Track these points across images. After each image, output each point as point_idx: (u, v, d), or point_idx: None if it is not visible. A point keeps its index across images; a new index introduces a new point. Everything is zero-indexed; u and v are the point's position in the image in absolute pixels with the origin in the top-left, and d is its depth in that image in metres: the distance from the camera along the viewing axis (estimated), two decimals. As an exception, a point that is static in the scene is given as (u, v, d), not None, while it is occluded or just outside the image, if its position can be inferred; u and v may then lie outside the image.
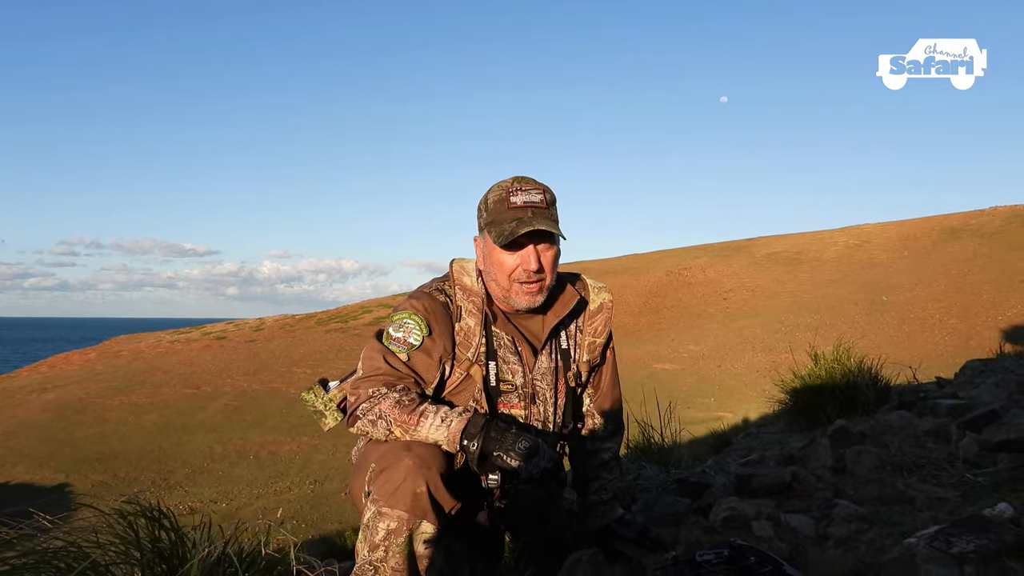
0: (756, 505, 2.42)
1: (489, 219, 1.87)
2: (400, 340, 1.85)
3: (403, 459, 1.70)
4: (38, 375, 28.45)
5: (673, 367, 20.58)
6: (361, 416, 1.80)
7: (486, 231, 1.88)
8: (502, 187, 1.88)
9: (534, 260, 1.84)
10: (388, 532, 1.66)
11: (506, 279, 1.86)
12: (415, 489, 1.67)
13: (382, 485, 1.69)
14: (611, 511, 2.17)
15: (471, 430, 1.72)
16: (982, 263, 24.82)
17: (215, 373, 24.84)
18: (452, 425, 1.73)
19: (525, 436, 1.72)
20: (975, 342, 17.05)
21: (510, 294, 1.88)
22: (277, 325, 33.80)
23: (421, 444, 1.74)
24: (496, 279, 1.88)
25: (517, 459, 1.69)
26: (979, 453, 2.53)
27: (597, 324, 2.07)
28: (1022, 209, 30.44)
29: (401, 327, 1.86)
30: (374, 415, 1.78)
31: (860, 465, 2.71)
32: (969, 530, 1.70)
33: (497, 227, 1.84)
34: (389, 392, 1.79)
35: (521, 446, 1.70)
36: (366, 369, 1.86)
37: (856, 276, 27.27)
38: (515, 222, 1.82)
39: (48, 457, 16.43)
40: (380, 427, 1.77)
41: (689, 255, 34.90)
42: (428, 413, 1.76)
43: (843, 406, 4.12)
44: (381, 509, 1.67)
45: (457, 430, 1.72)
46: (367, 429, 1.80)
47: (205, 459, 16.02)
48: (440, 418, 1.75)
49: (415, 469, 1.68)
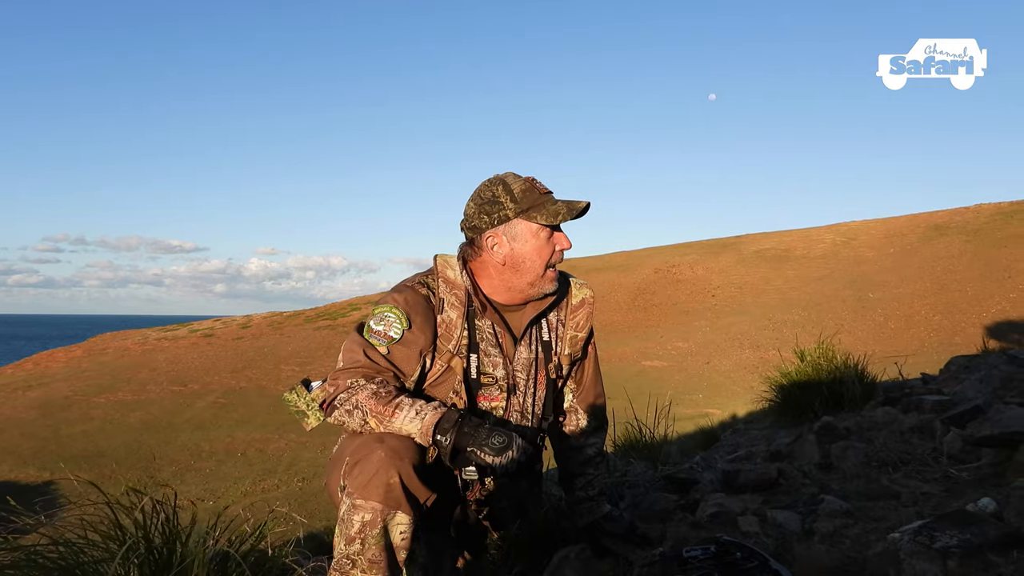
0: (743, 501, 2.43)
1: (527, 205, 1.87)
2: (380, 333, 1.85)
3: (376, 451, 1.70)
4: (23, 372, 28.20)
5: (661, 364, 20.63)
6: (339, 406, 1.80)
7: (523, 217, 1.87)
8: (519, 178, 1.91)
9: (567, 240, 1.92)
10: (363, 524, 1.66)
11: (543, 266, 1.90)
12: (388, 480, 1.67)
13: (356, 478, 1.70)
14: (598, 507, 2.17)
15: (444, 425, 1.73)
16: (967, 260, 25.03)
17: (202, 370, 24.71)
18: (426, 419, 1.74)
19: (499, 432, 1.74)
20: (960, 338, 17.21)
21: (543, 281, 1.92)
22: (265, 322, 33.65)
23: (395, 436, 1.75)
24: (532, 268, 1.90)
25: (491, 454, 1.71)
26: (963, 448, 2.55)
27: (579, 318, 2.08)
28: (1006, 206, 30.72)
29: (382, 320, 1.86)
30: (351, 405, 1.78)
31: (846, 461, 2.73)
32: (952, 524, 1.72)
33: (541, 209, 1.86)
34: (367, 383, 1.80)
35: (494, 441, 1.71)
36: (346, 361, 1.86)
37: (843, 273, 27.44)
38: (561, 203, 1.86)
39: (33, 455, 16.29)
40: (356, 417, 1.78)
41: (677, 252, 34.99)
42: (403, 405, 1.76)
43: (830, 402, 4.14)
44: (355, 502, 1.68)
45: (430, 424, 1.74)
46: (343, 419, 1.80)
47: (192, 457, 15.94)
48: (415, 411, 1.76)
49: (387, 460, 1.68)
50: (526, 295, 1.95)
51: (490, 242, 1.91)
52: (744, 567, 1.76)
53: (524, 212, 1.87)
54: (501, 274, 1.92)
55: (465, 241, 1.98)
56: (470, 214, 1.93)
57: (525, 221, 1.88)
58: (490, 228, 1.90)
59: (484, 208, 1.90)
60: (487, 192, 1.91)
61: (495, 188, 1.90)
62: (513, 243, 1.89)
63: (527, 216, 1.87)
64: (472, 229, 1.93)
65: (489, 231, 1.90)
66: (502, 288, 1.94)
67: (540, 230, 1.88)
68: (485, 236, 1.91)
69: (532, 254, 1.88)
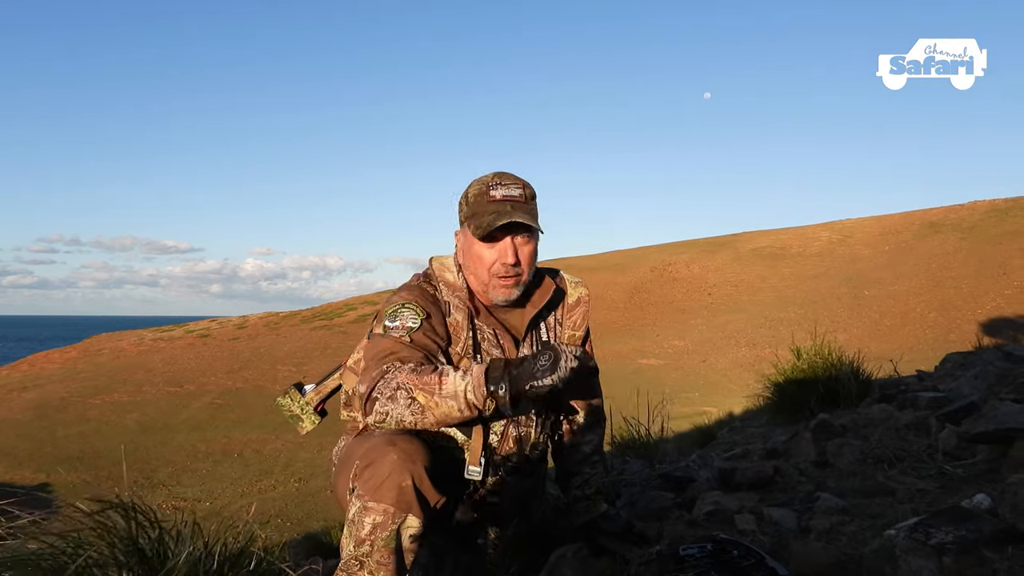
0: (739, 499, 2.44)
1: (469, 212, 1.89)
2: (399, 327, 1.82)
3: (388, 454, 1.68)
4: (18, 373, 28.09)
5: (658, 362, 20.64)
6: (379, 396, 1.68)
7: (466, 225, 1.90)
8: (482, 182, 1.89)
9: (511, 254, 1.85)
10: (374, 526, 1.65)
11: (485, 273, 1.88)
12: (401, 483, 1.66)
13: (367, 480, 1.68)
14: (595, 506, 2.18)
15: (493, 374, 1.63)
16: (962, 257, 25.08)
17: (198, 371, 24.64)
18: (474, 372, 1.65)
19: (541, 353, 1.63)
20: (955, 335, 17.24)
21: (488, 288, 1.90)
22: (261, 323, 33.57)
23: (405, 439, 1.72)
24: (476, 273, 1.90)
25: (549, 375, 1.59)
26: (958, 445, 2.56)
27: (576, 318, 2.09)
28: (1001, 203, 30.79)
29: (396, 316, 1.84)
30: (391, 389, 1.67)
31: (842, 458, 2.74)
32: (948, 521, 1.72)
33: (476, 220, 1.86)
34: (402, 365, 1.72)
35: (543, 363, 1.60)
36: (369, 357, 1.81)
37: (838, 270, 27.48)
38: (493, 215, 1.83)
39: (29, 456, 16.24)
40: (400, 399, 1.66)
41: (674, 251, 35.00)
42: (447, 371, 1.67)
43: (826, 400, 4.15)
44: (367, 504, 1.66)
45: (479, 376, 1.63)
46: (386, 409, 1.68)
47: (188, 458, 15.90)
48: (461, 372, 1.67)
49: (400, 463, 1.66)
50: (487, 298, 1.94)
51: (456, 240, 1.99)
52: (741, 565, 1.77)
53: (468, 218, 1.90)
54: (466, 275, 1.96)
55: None
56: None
57: (467, 227, 1.90)
58: (458, 226, 1.98)
59: (458, 207, 1.96)
60: (463, 192, 1.95)
61: (466, 189, 1.93)
62: (464, 246, 1.93)
63: (468, 223, 1.89)
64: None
65: (457, 230, 1.98)
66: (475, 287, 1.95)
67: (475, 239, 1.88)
68: (456, 234, 1.99)
69: (475, 260, 1.89)
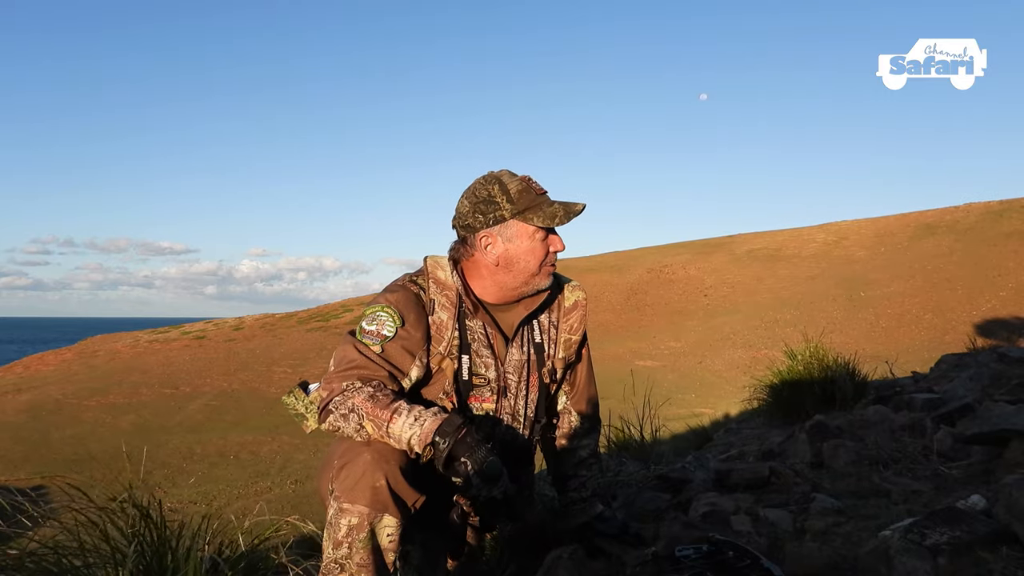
0: (735, 500, 2.44)
1: (523, 206, 1.85)
2: (373, 333, 1.82)
3: (362, 454, 1.69)
4: (12, 375, 27.98)
5: (654, 364, 20.64)
6: (333, 410, 1.75)
7: (519, 219, 1.86)
8: (516, 177, 1.88)
9: (560, 241, 1.91)
10: (350, 528, 1.66)
11: (537, 264, 1.88)
12: (374, 483, 1.66)
13: (342, 481, 1.69)
14: (591, 508, 2.18)
15: (446, 428, 1.68)
16: (957, 259, 25.15)
17: (194, 373, 24.57)
18: (425, 425, 1.69)
19: (496, 459, 1.69)
20: (950, 336, 17.27)
21: (538, 278, 1.91)
22: (257, 324, 33.49)
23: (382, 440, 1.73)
24: (526, 268, 1.89)
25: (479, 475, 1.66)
26: (953, 446, 2.57)
27: (572, 321, 2.08)
28: (995, 205, 30.88)
29: (374, 320, 1.83)
30: (346, 408, 1.73)
31: (837, 459, 2.74)
32: (943, 522, 1.73)
33: (537, 211, 1.85)
34: (363, 386, 1.75)
35: (489, 467, 1.67)
36: (338, 364, 1.83)
37: (834, 272, 27.52)
38: (559, 205, 1.85)
39: (23, 459, 16.16)
40: (352, 421, 1.72)
41: (670, 252, 35.03)
42: (402, 410, 1.71)
43: (821, 401, 4.16)
44: (342, 505, 1.67)
45: (430, 430, 1.68)
46: (338, 424, 1.75)
47: (184, 460, 15.85)
48: (414, 417, 1.70)
49: (373, 463, 1.67)
50: (519, 292, 1.93)
51: (484, 242, 1.89)
52: (736, 566, 1.77)
53: (520, 213, 1.85)
54: (494, 274, 1.90)
55: (457, 240, 1.96)
56: (464, 212, 1.90)
57: (521, 222, 1.86)
58: (484, 228, 1.87)
59: (479, 207, 1.87)
60: (482, 191, 1.88)
61: (491, 187, 1.87)
62: (508, 244, 1.87)
63: (523, 217, 1.85)
64: (465, 228, 1.90)
65: (483, 231, 1.88)
66: (494, 288, 1.92)
67: (536, 232, 1.87)
68: (479, 236, 1.89)
69: (527, 255, 1.87)
